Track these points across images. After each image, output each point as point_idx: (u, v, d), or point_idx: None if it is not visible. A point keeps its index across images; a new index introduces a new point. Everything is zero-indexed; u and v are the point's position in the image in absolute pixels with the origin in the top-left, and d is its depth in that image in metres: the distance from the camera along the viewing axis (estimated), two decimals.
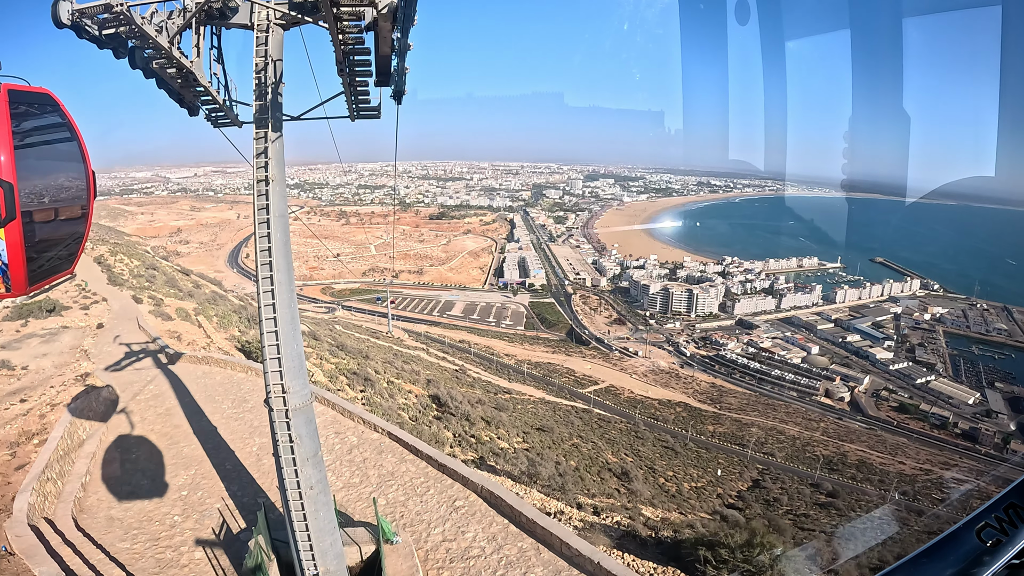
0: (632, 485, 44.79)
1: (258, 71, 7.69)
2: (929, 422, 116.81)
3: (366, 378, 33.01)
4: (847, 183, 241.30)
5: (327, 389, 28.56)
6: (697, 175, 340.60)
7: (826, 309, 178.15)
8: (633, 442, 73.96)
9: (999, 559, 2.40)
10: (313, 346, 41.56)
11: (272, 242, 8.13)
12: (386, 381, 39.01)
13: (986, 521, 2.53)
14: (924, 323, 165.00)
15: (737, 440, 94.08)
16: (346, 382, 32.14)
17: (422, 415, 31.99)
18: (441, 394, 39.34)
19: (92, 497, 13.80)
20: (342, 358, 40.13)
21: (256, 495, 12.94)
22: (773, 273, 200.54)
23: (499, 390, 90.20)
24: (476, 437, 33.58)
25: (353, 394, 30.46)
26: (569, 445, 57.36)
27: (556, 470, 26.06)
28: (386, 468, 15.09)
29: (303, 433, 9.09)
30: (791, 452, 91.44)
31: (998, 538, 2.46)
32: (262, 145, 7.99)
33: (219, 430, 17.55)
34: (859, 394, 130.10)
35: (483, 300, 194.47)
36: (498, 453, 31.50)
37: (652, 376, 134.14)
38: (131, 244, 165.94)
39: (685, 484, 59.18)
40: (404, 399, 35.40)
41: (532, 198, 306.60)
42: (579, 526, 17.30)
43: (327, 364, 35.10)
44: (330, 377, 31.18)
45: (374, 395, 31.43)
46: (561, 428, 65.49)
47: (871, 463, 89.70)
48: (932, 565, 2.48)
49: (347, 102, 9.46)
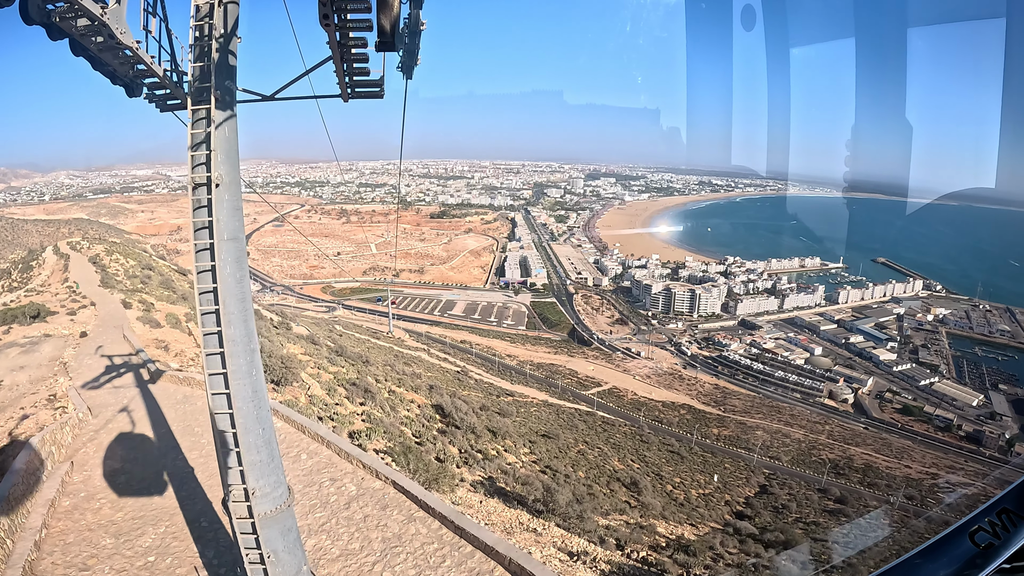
0: (643, 497, 43.54)
1: (199, 18, 5.04)
2: (933, 424, 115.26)
3: (366, 389, 30.77)
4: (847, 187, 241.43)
5: (324, 404, 26.38)
6: (699, 174, 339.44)
7: (829, 309, 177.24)
8: (638, 447, 72.77)
9: (992, 563, 2.47)
10: (311, 353, 39.37)
11: (219, 279, 5.67)
12: (387, 391, 36.85)
13: (979, 524, 2.60)
14: (927, 324, 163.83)
15: (742, 444, 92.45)
16: (345, 394, 29.92)
17: (426, 429, 29.77)
18: (444, 403, 37.19)
19: (47, 560, 11.41)
20: (341, 366, 37.92)
21: (235, 564, 10.50)
22: (775, 273, 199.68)
23: (501, 392, 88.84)
24: (483, 452, 31.42)
25: (352, 408, 28.26)
26: (575, 452, 56.15)
27: (573, 495, 23.87)
28: (391, 529, 12.61)
29: (279, 548, 6.54)
30: (797, 455, 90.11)
31: (991, 541, 2.54)
32: (201, 132, 5.39)
33: (196, 472, 15.13)
34: (863, 396, 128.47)
35: (484, 299, 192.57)
36: (507, 470, 29.45)
37: (655, 377, 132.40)
38: (129, 243, 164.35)
39: (693, 491, 57.98)
40: (406, 411, 33.23)
41: (533, 197, 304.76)
42: (606, 571, 15.19)
43: (325, 374, 32.87)
44: (328, 390, 28.97)
45: (374, 408, 29.25)
46: (566, 434, 63.94)
47: (877, 467, 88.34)
48: (925, 567, 2.55)
49: (338, 75, 6.60)
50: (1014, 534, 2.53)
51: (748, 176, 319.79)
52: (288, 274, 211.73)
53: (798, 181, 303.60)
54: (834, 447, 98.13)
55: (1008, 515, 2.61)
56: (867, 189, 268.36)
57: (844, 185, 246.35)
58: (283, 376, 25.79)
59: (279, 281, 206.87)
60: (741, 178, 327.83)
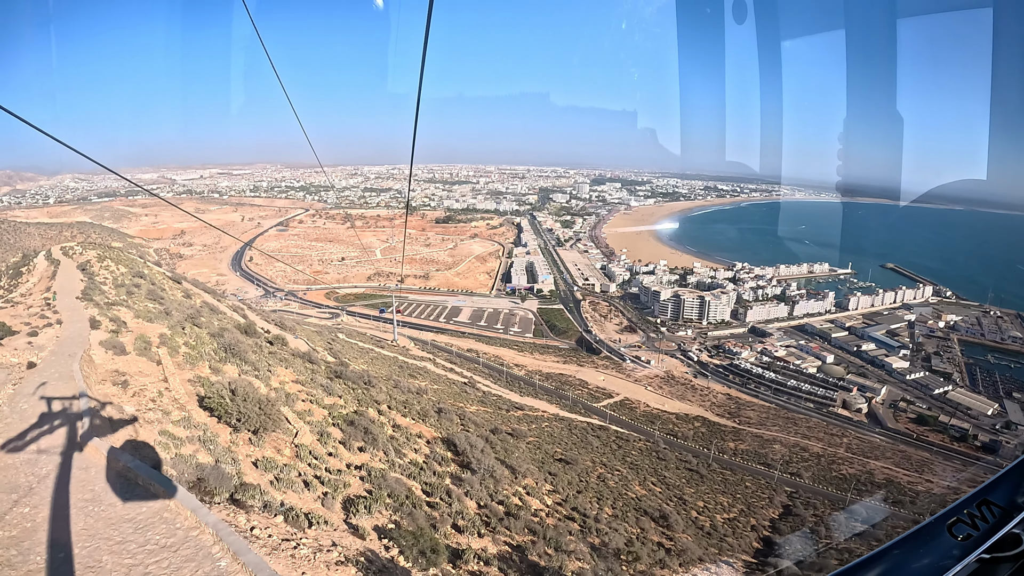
0: (674, 534, 39.47)
1: None
2: (949, 434, 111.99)
3: (366, 429, 25.39)
4: (842, 184, 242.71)
5: (314, 457, 21.03)
6: (704, 179, 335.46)
7: (839, 316, 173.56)
8: (656, 465, 68.52)
9: (970, 554, 2.48)
10: (305, 380, 33.91)
11: None
12: (391, 424, 31.49)
13: (958, 516, 2.65)
14: (938, 331, 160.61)
15: (761, 459, 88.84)
16: (341, 437, 24.55)
17: (437, 479, 24.48)
18: (457, 440, 31.84)
19: None
20: (339, 395, 32.52)
21: None
22: (784, 279, 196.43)
23: (511, 406, 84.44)
24: (505, 504, 26.13)
25: (349, 457, 22.96)
26: (595, 478, 51.54)
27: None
28: None
29: None
30: (817, 472, 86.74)
31: (969, 532, 2.57)
32: None
33: None
34: (876, 405, 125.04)
35: (490, 306, 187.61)
36: (534, 528, 24.30)
37: (667, 388, 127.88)
38: (130, 247, 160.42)
39: (718, 516, 53.83)
40: (414, 451, 27.94)
41: (539, 202, 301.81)
42: None
43: (318, 410, 27.43)
44: (320, 433, 23.58)
45: (376, 454, 23.94)
46: (583, 456, 59.12)
47: (899, 482, 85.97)
48: (902, 557, 2.54)
49: None
50: (993, 525, 2.55)
51: (748, 178, 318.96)
52: (292, 279, 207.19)
53: (791, 183, 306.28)
54: (853, 461, 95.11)
55: (988, 507, 2.65)
56: (860, 188, 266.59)
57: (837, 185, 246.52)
58: (262, 424, 20.39)
59: (282, 286, 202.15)
60: (742, 181, 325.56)
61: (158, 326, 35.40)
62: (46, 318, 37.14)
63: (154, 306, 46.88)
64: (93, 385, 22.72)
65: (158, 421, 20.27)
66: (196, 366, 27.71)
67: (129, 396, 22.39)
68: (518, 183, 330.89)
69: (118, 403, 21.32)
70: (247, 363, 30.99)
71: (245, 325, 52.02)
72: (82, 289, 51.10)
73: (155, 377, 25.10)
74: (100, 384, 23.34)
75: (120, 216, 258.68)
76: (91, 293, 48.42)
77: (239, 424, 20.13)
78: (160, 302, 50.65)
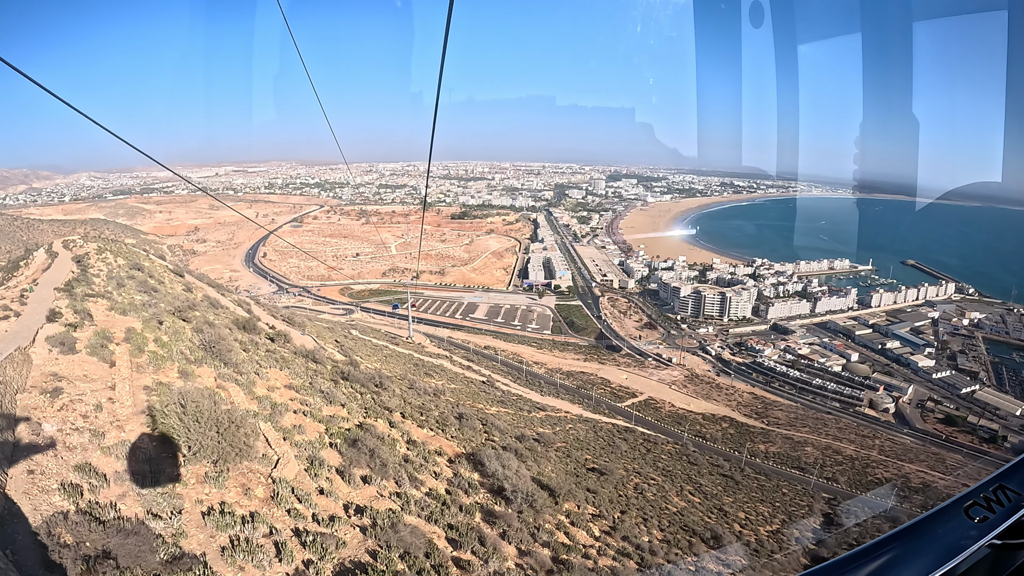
0: (728, 556, 34.66)
1: None
2: (978, 435, 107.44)
3: (372, 451, 19.14)
4: (859, 181, 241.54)
5: (297, 499, 14.87)
6: (720, 175, 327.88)
7: (862, 313, 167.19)
8: (689, 471, 62.53)
9: (984, 536, 2.49)
10: (302, 384, 27.72)
11: None
12: (405, 440, 25.25)
13: (974, 500, 2.65)
14: (963, 329, 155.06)
15: (794, 462, 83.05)
16: (338, 464, 18.31)
17: (466, 519, 18.25)
18: (486, 457, 25.56)
19: None
20: (341, 403, 26.31)
21: None
22: (805, 276, 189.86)
23: (533, 407, 78.75)
24: (551, 545, 19.88)
25: (347, 493, 16.78)
26: (632, 489, 45.62)
27: None
28: None
29: None
30: (853, 476, 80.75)
31: (985, 515, 2.57)
32: None
33: None
34: (904, 404, 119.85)
35: (507, 302, 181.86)
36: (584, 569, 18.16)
37: (691, 386, 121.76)
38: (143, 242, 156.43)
39: (761, 529, 47.77)
40: (433, 479, 21.70)
41: (555, 198, 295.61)
42: None
43: (313, 425, 21.20)
44: (310, 461, 17.32)
45: (383, 489, 17.70)
46: (615, 464, 53.00)
47: (935, 486, 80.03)
48: (919, 539, 2.53)
49: None
50: (1008, 509, 2.56)
51: (759, 176, 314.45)
52: (306, 275, 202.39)
53: (808, 179, 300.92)
54: (888, 464, 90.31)
55: (1004, 491, 2.65)
56: (877, 187, 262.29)
57: (854, 184, 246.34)
58: (223, 453, 14.11)
59: (296, 282, 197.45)
60: (758, 178, 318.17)
61: (131, 319, 29.39)
62: (9, 310, 31.53)
63: (141, 298, 41.04)
64: (12, 394, 16.69)
65: (82, 448, 14.15)
66: (162, 369, 21.59)
67: (55, 409, 16.25)
68: (533, 179, 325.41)
69: (37, 419, 15.28)
70: (228, 364, 24.83)
71: (245, 320, 46.10)
72: (66, 280, 45.36)
73: (101, 383, 19.00)
74: (25, 392, 17.29)
75: (134, 213, 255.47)
76: (74, 285, 42.66)
77: (191, 454, 13.94)
78: (151, 294, 44.88)
